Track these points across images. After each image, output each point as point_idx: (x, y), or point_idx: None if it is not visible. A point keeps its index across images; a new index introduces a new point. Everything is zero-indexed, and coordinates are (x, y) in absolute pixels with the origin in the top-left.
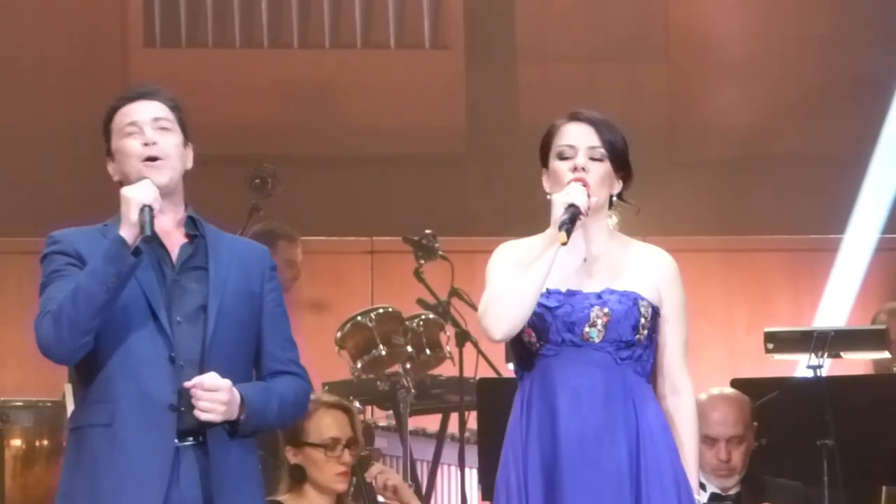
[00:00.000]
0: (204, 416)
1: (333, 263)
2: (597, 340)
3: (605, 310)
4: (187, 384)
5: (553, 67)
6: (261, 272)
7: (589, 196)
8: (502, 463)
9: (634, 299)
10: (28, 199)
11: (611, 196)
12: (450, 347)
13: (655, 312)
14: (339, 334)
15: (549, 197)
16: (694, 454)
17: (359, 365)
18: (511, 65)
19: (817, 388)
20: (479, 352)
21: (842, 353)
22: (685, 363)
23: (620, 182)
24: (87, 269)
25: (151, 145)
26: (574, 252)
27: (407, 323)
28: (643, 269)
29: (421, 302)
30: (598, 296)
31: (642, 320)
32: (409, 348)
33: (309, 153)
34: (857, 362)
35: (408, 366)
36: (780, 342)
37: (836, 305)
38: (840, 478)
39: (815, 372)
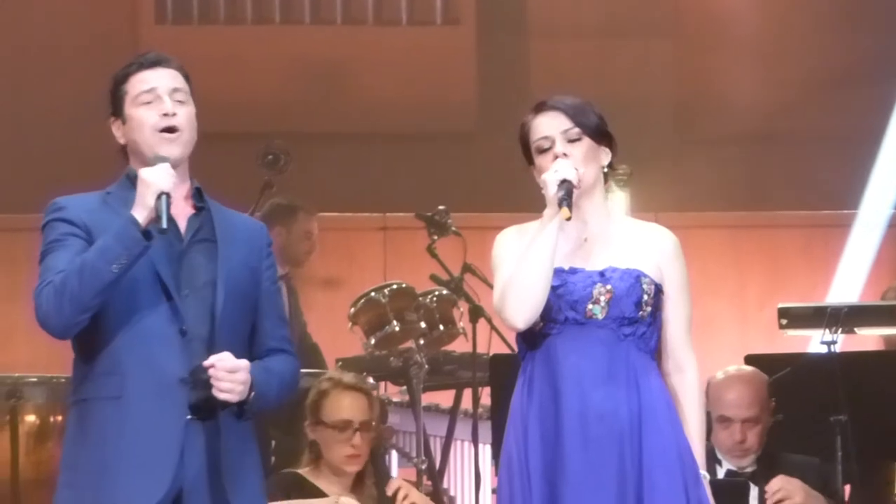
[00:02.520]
0: (223, 396)
1: (346, 240)
2: (600, 317)
3: (608, 287)
4: (206, 363)
5: (564, 42)
6: (260, 247)
7: (576, 168)
8: (505, 440)
9: (637, 276)
10: (38, 177)
11: (604, 171)
12: (463, 323)
13: (658, 290)
14: (352, 310)
15: (543, 191)
16: (699, 431)
17: (372, 341)
18: (522, 40)
19: (831, 364)
20: (493, 327)
21: (856, 329)
22: (689, 340)
23: (607, 150)
24: (96, 245)
25: (171, 116)
26: (574, 232)
27: (420, 299)
28: (644, 246)
29: (434, 278)
30: (601, 273)
31: (645, 297)
32: (423, 324)
33: (321, 129)
34: (870, 338)
35: (421, 342)
36: (793, 318)
37: (850, 281)
38: (853, 453)
39: (828, 348)
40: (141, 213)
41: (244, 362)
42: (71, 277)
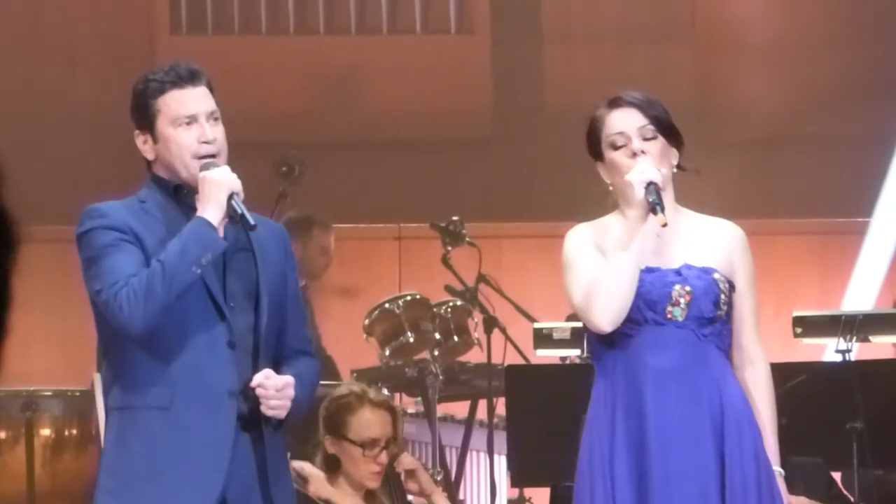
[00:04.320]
0: (272, 413)
1: (361, 250)
2: (680, 319)
3: (687, 287)
4: (253, 383)
5: (579, 49)
6: (285, 251)
7: (659, 169)
8: (585, 445)
9: (713, 275)
10: (54, 188)
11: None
12: (477, 334)
13: (732, 287)
14: (366, 321)
15: (610, 188)
16: (772, 425)
17: (387, 352)
18: (537, 47)
19: (846, 372)
20: (507, 338)
21: (870, 337)
22: (758, 333)
23: (675, 150)
24: (173, 248)
25: (210, 143)
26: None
27: (434, 309)
28: (714, 241)
29: (448, 288)
30: (678, 272)
31: (722, 296)
32: (437, 335)
33: (335, 139)
34: (885, 346)
35: (436, 352)
36: (808, 326)
37: (865, 289)
38: (870, 460)
39: (843, 356)
40: (214, 214)
41: (290, 379)
42: (155, 279)
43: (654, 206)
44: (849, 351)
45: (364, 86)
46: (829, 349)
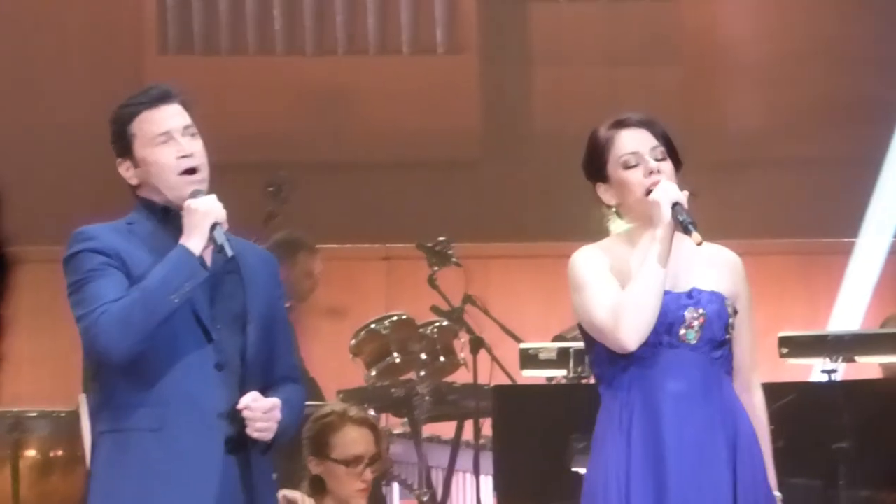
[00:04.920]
0: (258, 436)
1: (348, 270)
2: (693, 342)
3: (700, 311)
4: (240, 405)
5: (568, 71)
6: (274, 276)
7: (681, 190)
8: (598, 467)
9: (722, 299)
10: (42, 209)
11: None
12: (464, 354)
13: (735, 311)
14: (353, 342)
15: (613, 209)
16: (769, 449)
17: (373, 372)
18: (526, 68)
19: (833, 392)
20: (494, 358)
21: (856, 358)
22: (755, 359)
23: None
24: (155, 276)
25: (189, 157)
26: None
27: (421, 330)
28: (718, 266)
29: (435, 309)
30: (689, 295)
31: (730, 319)
32: (424, 355)
33: (323, 159)
34: (871, 365)
35: (422, 373)
36: (794, 346)
37: (851, 309)
38: (857, 481)
39: (829, 376)
40: (196, 243)
41: (277, 401)
42: (134, 307)
43: (688, 225)
44: (834, 371)
45: (352, 106)
46: (815, 370)
